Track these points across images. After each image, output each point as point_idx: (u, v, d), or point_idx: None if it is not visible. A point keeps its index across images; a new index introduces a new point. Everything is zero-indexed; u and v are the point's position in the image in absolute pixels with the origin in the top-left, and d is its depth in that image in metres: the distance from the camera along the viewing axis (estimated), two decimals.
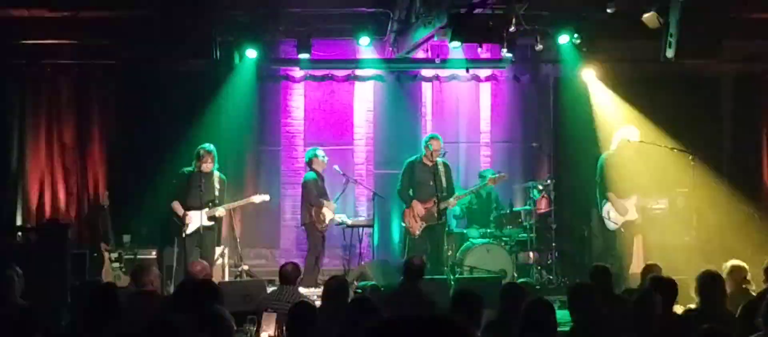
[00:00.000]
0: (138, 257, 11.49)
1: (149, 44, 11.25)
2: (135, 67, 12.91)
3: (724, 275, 7.04)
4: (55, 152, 12.79)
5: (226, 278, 11.63)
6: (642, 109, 12.68)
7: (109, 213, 11.81)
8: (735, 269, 7.42)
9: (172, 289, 10.65)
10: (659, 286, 6.52)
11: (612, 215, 11.31)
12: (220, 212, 11.21)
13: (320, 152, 11.98)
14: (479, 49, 11.74)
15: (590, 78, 12.68)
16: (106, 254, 11.41)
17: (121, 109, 12.94)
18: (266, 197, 11.85)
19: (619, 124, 11.41)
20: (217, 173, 11.29)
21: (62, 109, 12.83)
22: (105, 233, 11.74)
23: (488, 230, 12.08)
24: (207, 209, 11.00)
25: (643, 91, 13.05)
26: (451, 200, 11.56)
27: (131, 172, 12.73)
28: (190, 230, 10.96)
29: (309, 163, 11.96)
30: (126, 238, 11.87)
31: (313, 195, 11.78)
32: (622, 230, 11.31)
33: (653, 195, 11.46)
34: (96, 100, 12.89)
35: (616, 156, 11.32)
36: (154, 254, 11.73)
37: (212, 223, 11.16)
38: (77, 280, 11.07)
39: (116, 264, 11.40)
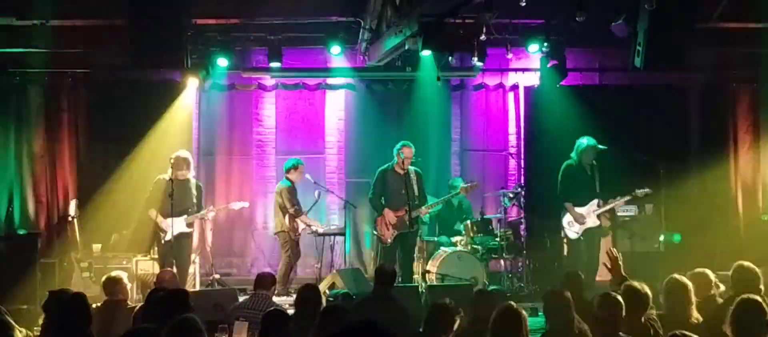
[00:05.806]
0: (108, 266, 11.42)
1: (120, 53, 11.20)
2: (105, 75, 12.86)
3: (690, 283, 7.10)
4: (24, 161, 12.69)
5: (198, 287, 11.60)
6: (610, 117, 12.78)
7: (79, 222, 11.73)
8: (701, 277, 7.47)
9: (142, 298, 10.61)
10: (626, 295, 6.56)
11: (570, 224, 11.39)
12: (200, 216, 11.22)
13: (302, 164, 11.99)
14: (450, 58, 11.78)
15: (560, 86, 12.75)
16: (76, 264, 11.33)
17: (91, 118, 12.86)
18: (245, 204, 11.85)
19: (588, 132, 11.48)
20: (193, 180, 11.29)
21: (32, 118, 12.74)
22: (75, 242, 11.66)
23: (459, 238, 12.12)
24: (186, 216, 10.98)
25: (612, 99, 13.17)
26: (423, 208, 11.58)
27: (101, 180, 12.64)
28: (167, 237, 10.94)
29: (288, 172, 11.92)
30: (96, 247, 11.80)
31: (292, 203, 11.76)
32: (582, 238, 11.37)
33: (619, 203, 11.55)
34: (66, 109, 12.81)
35: (576, 165, 11.40)
36: (124, 263, 11.67)
37: (190, 229, 11.16)
38: (47, 289, 11.02)
39: (86, 273, 11.31)
